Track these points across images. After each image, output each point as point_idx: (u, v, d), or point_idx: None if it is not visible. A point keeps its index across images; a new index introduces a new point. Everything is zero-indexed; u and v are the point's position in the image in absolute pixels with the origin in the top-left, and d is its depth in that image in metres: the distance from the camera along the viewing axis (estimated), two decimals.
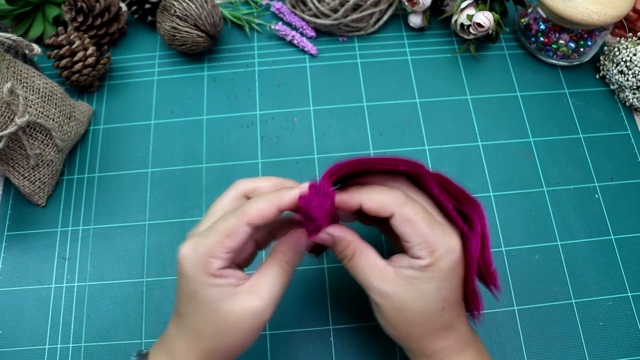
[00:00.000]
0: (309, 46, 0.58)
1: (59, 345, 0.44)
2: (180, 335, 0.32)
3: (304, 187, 0.31)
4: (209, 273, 0.30)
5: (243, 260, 0.36)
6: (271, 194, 0.32)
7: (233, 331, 0.31)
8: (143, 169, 0.52)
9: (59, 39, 0.52)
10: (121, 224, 0.49)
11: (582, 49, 0.55)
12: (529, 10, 0.57)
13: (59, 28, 0.53)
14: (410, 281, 0.31)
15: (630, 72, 0.52)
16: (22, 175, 0.48)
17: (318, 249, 0.39)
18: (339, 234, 0.32)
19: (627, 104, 0.55)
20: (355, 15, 0.57)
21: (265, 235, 0.36)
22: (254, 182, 0.34)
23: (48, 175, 0.49)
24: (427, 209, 0.32)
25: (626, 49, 0.53)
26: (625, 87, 0.54)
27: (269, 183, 0.34)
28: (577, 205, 0.50)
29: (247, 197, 0.34)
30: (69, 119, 0.50)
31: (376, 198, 0.32)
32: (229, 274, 0.31)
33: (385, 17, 0.59)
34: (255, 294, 0.31)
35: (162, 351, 0.33)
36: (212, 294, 0.31)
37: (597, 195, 0.51)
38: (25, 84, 0.46)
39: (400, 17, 0.61)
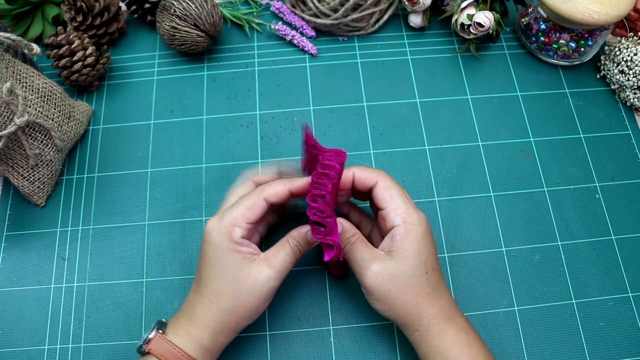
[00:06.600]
0: (309, 46, 0.58)
1: (58, 346, 0.44)
2: (200, 298, 0.38)
3: (307, 180, 0.39)
4: (233, 240, 0.37)
5: (256, 242, 0.43)
6: (285, 179, 0.40)
7: (249, 292, 0.37)
8: (143, 169, 0.52)
9: (59, 38, 0.52)
10: (121, 224, 0.49)
11: (582, 49, 0.55)
12: (530, 9, 0.57)
13: (59, 28, 0.53)
14: (395, 253, 0.37)
15: (631, 72, 0.52)
16: (22, 175, 0.48)
17: (339, 268, 0.45)
18: (347, 225, 0.40)
19: (628, 103, 0.55)
20: (355, 15, 0.57)
21: (275, 221, 0.46)
22: (257, 171, 0.41)
23: (47, 175, 0.49)
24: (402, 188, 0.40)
25: (627, 48, 0.53)
26: (626, 87, 0.54)
27: (270, 170, 0.44)
28: (577, 205, 0.50)
29: (255, 183, 0.41)
30: (69, 119, 0.50)
31: (365, 169, 0.40)
32: (248, 244, 0.38)
33: (385, 17, 0.59)
34: (270, 263, 0.38)
35: (181, 317, 0.38)
36: (234, 258, 0.37)
37: (597, 195, 0.51)
38: (24, 84, 0.46)
39: (400, 16, 0.61)
